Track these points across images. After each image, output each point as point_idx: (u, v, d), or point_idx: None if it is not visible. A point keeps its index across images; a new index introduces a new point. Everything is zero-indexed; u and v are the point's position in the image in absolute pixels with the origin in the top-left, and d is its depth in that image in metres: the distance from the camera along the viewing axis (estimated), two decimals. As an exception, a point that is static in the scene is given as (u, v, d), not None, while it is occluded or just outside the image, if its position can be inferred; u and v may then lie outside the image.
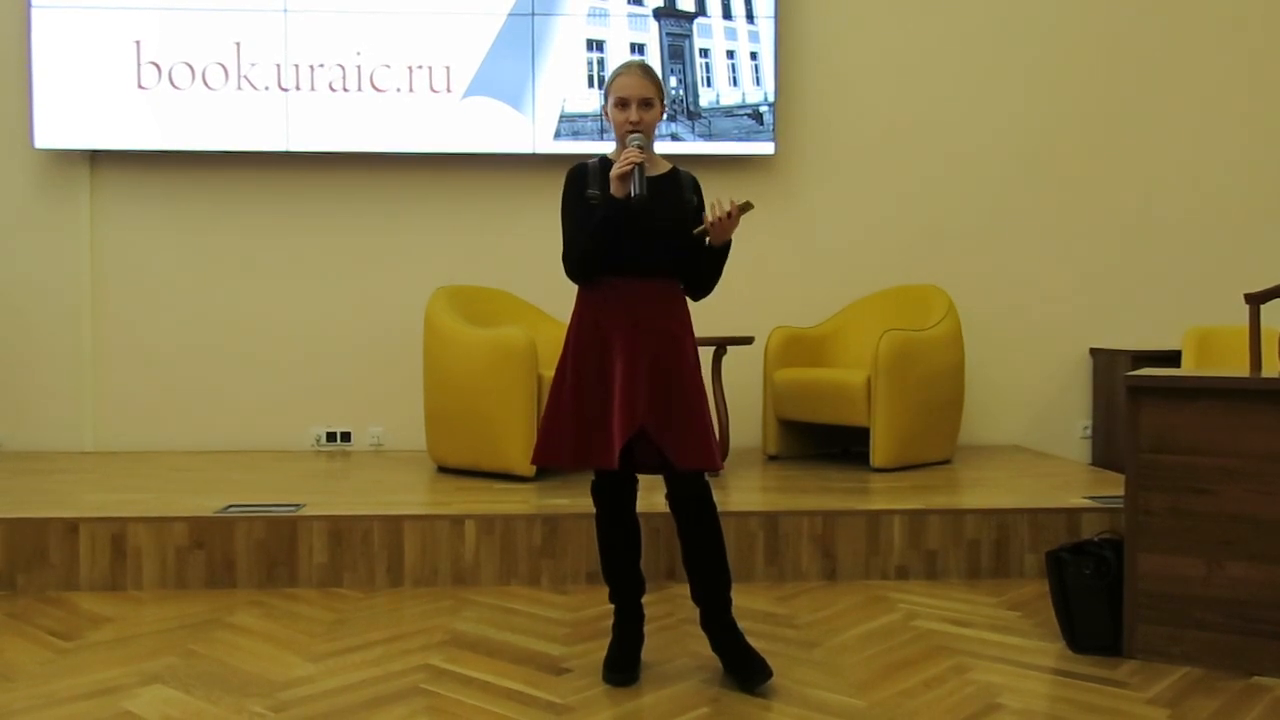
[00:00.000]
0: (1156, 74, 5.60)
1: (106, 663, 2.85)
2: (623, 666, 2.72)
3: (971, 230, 5.58)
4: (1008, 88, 5.57)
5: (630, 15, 5.32)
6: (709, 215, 2.64)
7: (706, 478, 2.72)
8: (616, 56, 5.26)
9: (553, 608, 3.37)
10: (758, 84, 5.37)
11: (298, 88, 5.23)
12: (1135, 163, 5.61)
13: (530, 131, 5.29)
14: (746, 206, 2.63)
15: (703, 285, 2.79)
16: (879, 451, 4.61)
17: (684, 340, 2.72)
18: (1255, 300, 3.40)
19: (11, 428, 5.34)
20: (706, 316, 3.34)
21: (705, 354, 4.20)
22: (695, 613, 2.76)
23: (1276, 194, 5.64)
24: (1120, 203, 5.62)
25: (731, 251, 2.72)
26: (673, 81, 5.32)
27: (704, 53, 5.36)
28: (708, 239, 2.66)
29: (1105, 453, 5.42)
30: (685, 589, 2.79)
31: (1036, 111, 5.58)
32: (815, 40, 5.52)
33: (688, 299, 2.81)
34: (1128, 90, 5.60)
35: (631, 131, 2.66)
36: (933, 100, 5.56)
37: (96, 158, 5.35)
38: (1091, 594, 2.95)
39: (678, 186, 2.78)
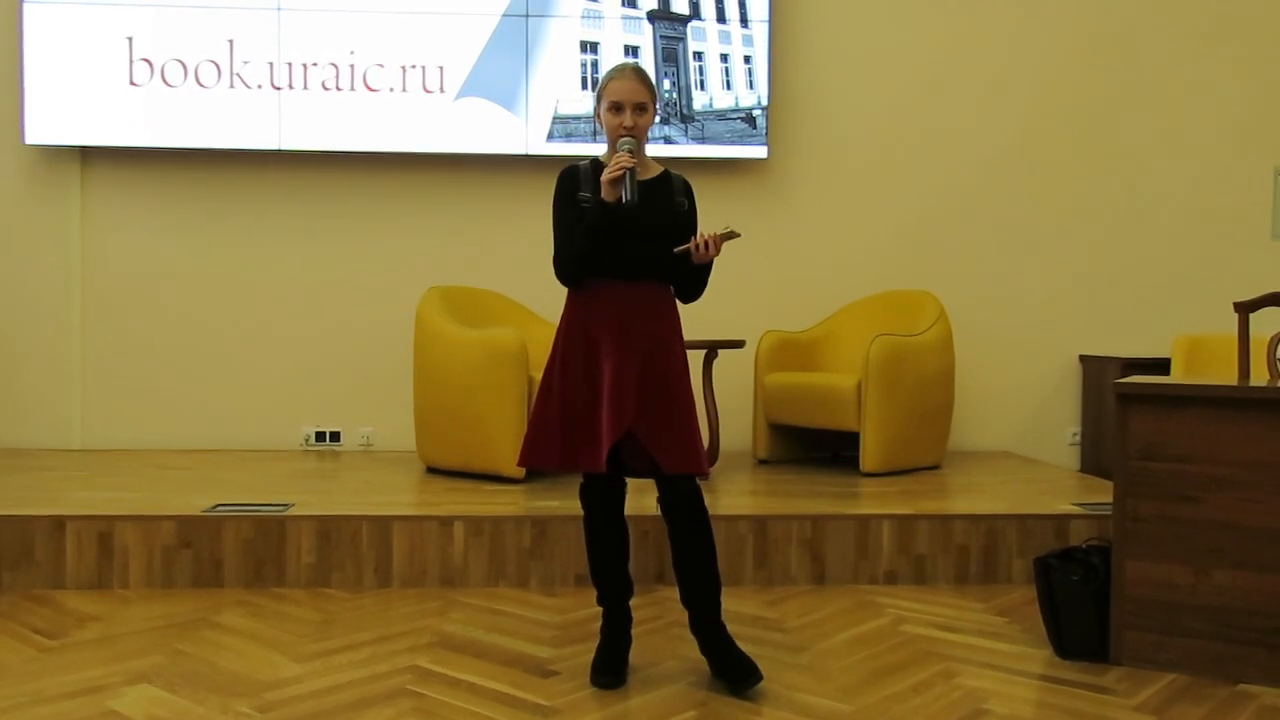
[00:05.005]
0: (1147, 81, 5.62)
1: (92, 661, 2.84)
2: (611, 669, 2.72)
3: (963, 236, 5.60)
4: (1000, 93, 5.59)
5: (624, 18, 5.32)
6: (695, 240, 2.62)
7: (698, 481, 2.71)
8: (610, 59, 5.26)
9: (541, 610, 3.37)
10: (751, 88, 5.37)
11: (290, 86, 5.22)
12: (1126, 170, 5.64)
13: (523, 133, 5.29)
14: (731, 235, 2.63)
15: (688, 293, 2.80)
16: (869, 456, 4.62)
17: (673, 344, 2.72)
18: (1244, 309, 3.41)
19: (-1, 424, 5.33)
20: (697, 320, 3.34)
21: (696, 357, 4.19)
22: (684, 615, 2.76)
23: (1266, 202, 5.67)
24: (1111, 210, 5.65)
25: (723, 255, 2.72)
26: (666, 84, 5.33)
27: (698, 56, 5.36)
28: (691, 256, 2.66)
29: (1094, 459, 5.44)
30: (674, 592, 2.78)
31: (1028, 117, 5.60)
32: (809, 45, 5.53)
33: (678, 303, 2.81)
34: (1119, 97, 5.62)
35: (624, 136, 2.66)
36: (925, 106, 5.57)
37: (87, 154, 5.33)
38: (1079, 600, 2.95)
39: (669, 189, 2.77)
